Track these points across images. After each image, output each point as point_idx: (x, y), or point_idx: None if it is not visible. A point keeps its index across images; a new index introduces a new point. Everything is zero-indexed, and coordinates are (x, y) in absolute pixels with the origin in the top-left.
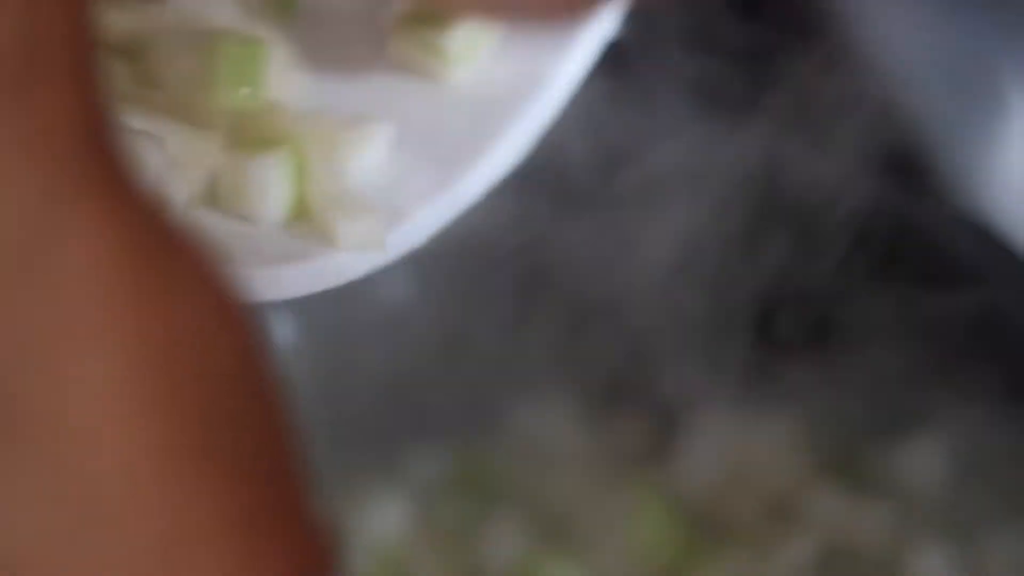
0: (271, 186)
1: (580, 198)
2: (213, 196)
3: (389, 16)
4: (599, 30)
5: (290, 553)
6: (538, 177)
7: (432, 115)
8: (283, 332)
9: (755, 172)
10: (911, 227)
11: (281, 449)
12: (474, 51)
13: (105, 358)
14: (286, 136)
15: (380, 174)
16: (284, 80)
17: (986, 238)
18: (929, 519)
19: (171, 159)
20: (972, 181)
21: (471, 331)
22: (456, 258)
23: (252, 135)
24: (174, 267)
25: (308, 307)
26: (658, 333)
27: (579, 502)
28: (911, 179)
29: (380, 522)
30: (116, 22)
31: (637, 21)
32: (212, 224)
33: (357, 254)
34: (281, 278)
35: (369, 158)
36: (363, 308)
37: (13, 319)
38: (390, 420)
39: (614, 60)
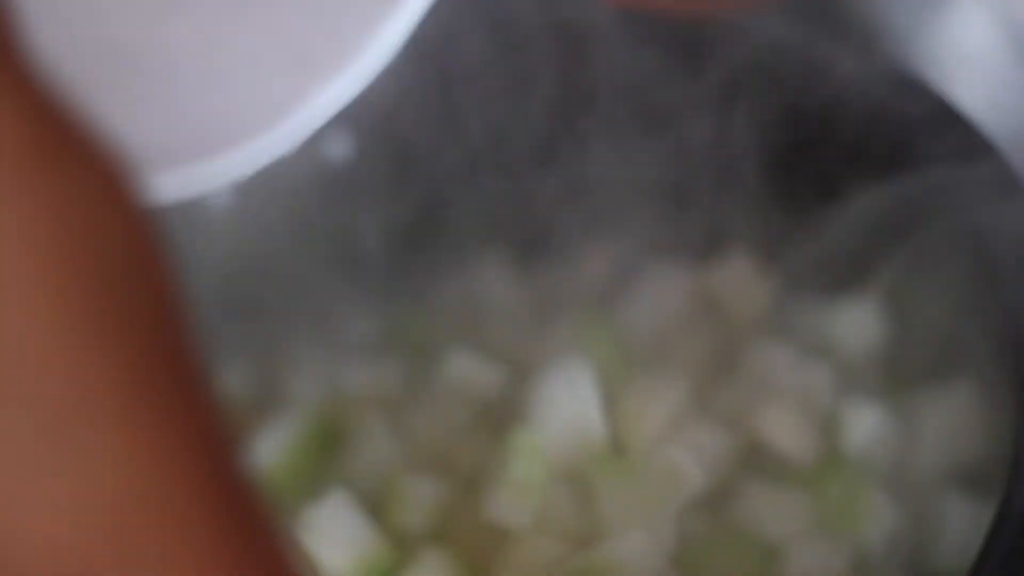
0: None
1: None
2: None
3: None
4: None
5: (183, 431)
6: None
7: None
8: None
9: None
10: (846, 88)
11: (174, 329)
12: None
13: (6, 232)
14: None
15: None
16: None
17: (922, 95)
18: (865, 377)
19: None
20: (915, 43)
21: (406, 190)
22: (391, 118)
23: None
24: (70, 154)
25: None
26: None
27: (521, 348)
28: (846, 38)
29: (316, 383)
30: None
31: None
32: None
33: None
34: (218, 164)
35: None
36: (299, 169)
37: None
38: (326, 282)
39: None
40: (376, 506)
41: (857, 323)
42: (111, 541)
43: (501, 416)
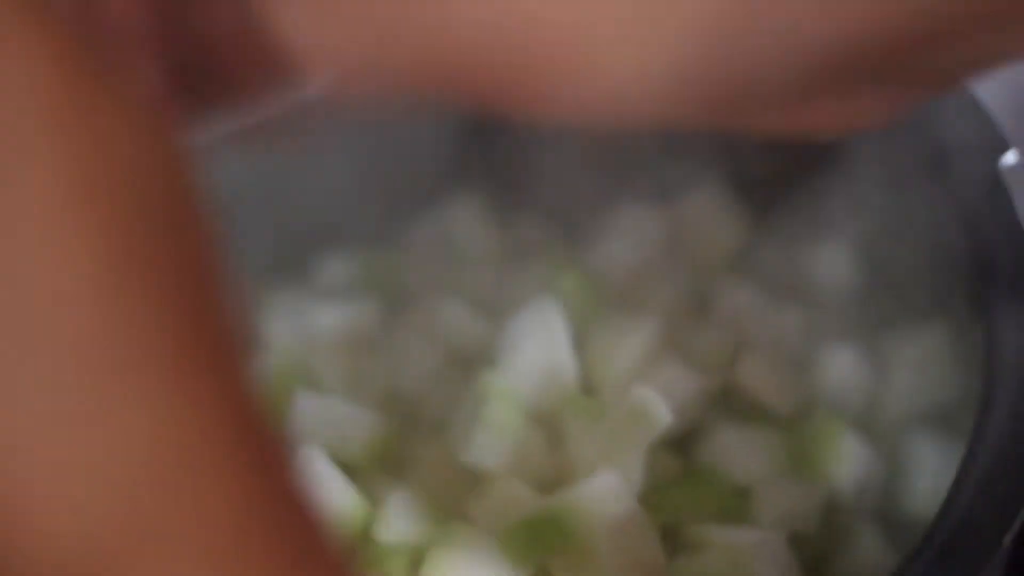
0: None
1: None
2: None
3: None
4: None
5: (219, 392)
6: None
7: None
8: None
9: None
10: None
11: (212, 276)
12: None
13: (44, 175)
14: None
15: None
16: None
17: None
18: (837, 319)
19: None
20: None
21: (380, 140)
22: None
23: None
24: (106, 89)
25: None
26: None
27: (493, 291)
28: None
29: (288, 328)
30: None
31: None
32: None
33: None
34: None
35: None
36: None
37: None
38: (300, 228)
39: None
40: (347, 453)
41: (829, 265)
42: (135, 508)
43: (473, 358)
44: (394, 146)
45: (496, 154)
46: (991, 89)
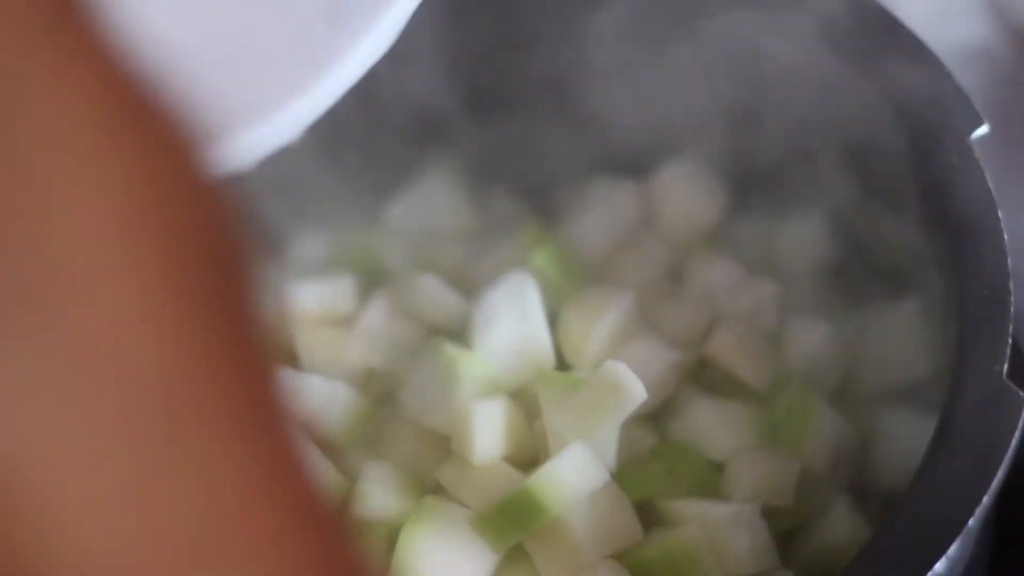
0: None
1: None
2: None
3: None
4: None
5: (267, 438)
6: None
7: None
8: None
9: None
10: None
11: (249, 297)
12: None
13: (95, 212)
14: None
15: None
16: None
17: (867, 9)
18: (812, 294)
19: None
20: None
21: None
22: None
23: None
24: (144, 122)
25: None
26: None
27: (469, 268)
28: None
29: (265, 305)
30: None
31: None
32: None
33: None
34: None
35: None
36: None
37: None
38: (276, 206)
39: None
40: (324, 429)
41: (803, 241)
42: (190, 559)
43: (448, 334)
44: (368, 123)
45: (470, 130)
46: (966, 66)
